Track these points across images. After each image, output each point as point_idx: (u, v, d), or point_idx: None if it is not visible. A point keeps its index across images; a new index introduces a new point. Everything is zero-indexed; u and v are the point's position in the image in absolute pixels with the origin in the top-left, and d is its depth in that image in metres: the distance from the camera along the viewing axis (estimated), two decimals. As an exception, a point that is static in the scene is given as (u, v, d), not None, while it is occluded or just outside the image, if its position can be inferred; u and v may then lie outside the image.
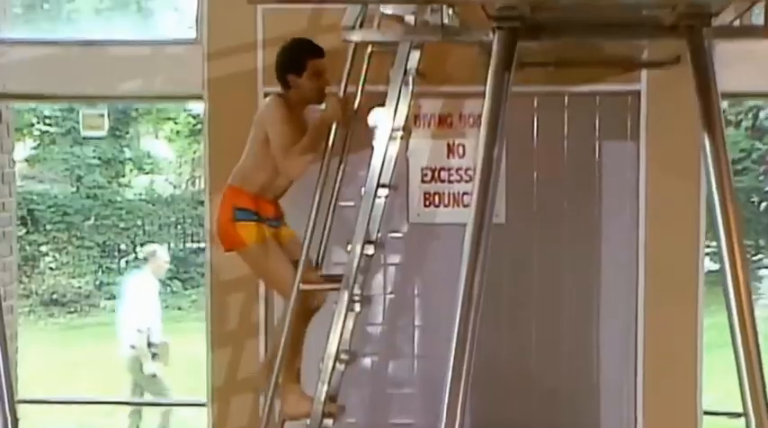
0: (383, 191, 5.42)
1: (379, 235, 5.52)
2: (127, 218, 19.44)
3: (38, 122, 19.17)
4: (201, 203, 10.22)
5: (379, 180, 5.37)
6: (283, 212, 5.65)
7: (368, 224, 5.37)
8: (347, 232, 5.36)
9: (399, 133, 5.43)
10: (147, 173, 20.43)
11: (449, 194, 6.36)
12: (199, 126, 16.42)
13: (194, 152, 19.87)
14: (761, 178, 18.44)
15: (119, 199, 19.49)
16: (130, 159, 19.49)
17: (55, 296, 19.21)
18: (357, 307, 5.42)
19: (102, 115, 10.61)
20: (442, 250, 6.31)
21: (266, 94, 5.80)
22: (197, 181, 20.05)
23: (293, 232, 5.62)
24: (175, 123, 20.64)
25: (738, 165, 17.69)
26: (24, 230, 18.95)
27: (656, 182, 6.06)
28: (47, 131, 19.09)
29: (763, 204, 18.89)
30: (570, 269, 6.29)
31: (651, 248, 6.08)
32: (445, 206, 6.37)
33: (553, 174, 6.26)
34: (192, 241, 19.65)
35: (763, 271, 19.26)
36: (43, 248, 19.55)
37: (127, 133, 19.74)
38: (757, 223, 19.08)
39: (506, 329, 6.23)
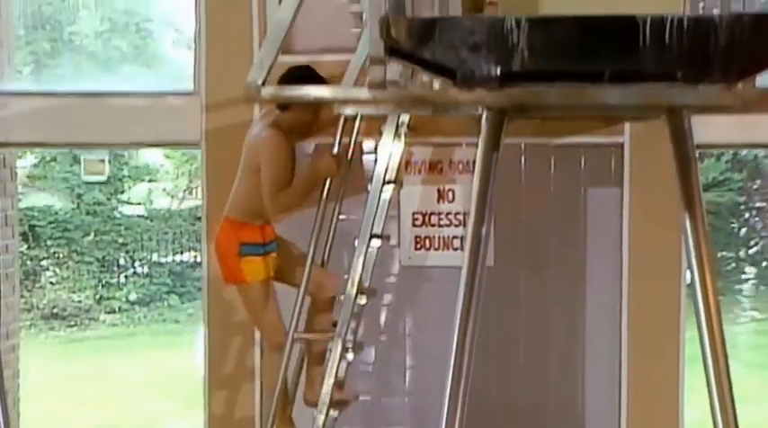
0: (376, 242, 5.47)
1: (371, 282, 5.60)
2: (126, 234, 19.43)
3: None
4: (198, 219, 10.22)
5: (371, 230, 5.42)
6: (275, 234, 5.65)
7: (361, 273, 5.42)
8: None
9: (392, 186, 5.49)
10: (146, 182, 20.39)
11: (439, 238, 6.40)
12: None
13: (191, 164, 19.86)
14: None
15: (118, 215, 19.48)
16: (129, 176, 19.51)
17: (55, 310, 19.19)
18: (350, 356, 5.47)
19: (103, 161, 10.65)
20: (432, 292, 6.36)
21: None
22: (193, 191, 20.05)
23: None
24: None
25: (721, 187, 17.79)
26: (26, 246, 18.93)
27: (639, 228, 6.11)
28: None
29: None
30: (556, 311, 6.33)
31: (634, 293, 6.13)
32: (436, 249, 6.40)
33: (540, 220, 6.31)
34: (190, 255, 19.63)
35: (744, 285, 19.32)
36: (44, 263, 19.51)
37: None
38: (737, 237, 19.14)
39: (494, 369, 6.27)
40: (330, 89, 3.06)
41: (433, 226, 6.42)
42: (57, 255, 19.81)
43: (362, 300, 5.45)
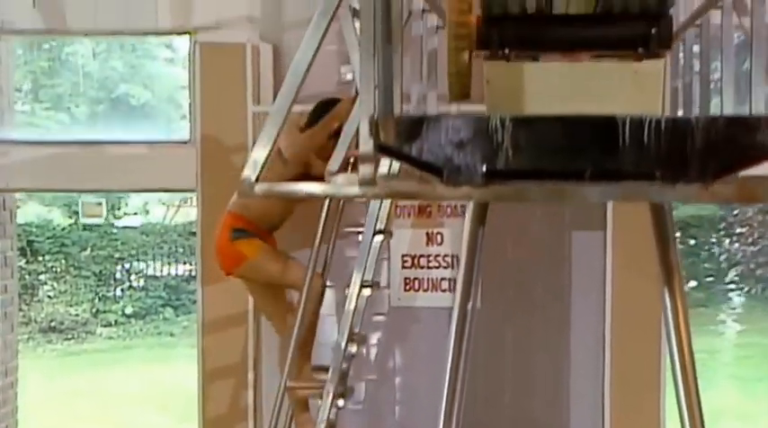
0: (366, 291, 5.52)
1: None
2: (122, 249, 19.45)
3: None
4: (193, 234, 10.28)
5: (362, 279, 5.47)
6: (276, 244, 5.71)
7: (351, 319, 5.47)
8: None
9: (382, 235, 5.53)
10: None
11: (428, 280, 6.45)
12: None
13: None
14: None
15: (114, 230, 19.50)
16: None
17: (53, 323, 19.19)
18: (341, 403, 5.51)
19: (101, 204, 10.70)
20: (421, 332, 6.41)
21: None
22: (189, 200, 20.05)
23: None
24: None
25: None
26: (24, 260, 18.95)
27: (622, 273, 6.16)
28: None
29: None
30: (541, 355, 6.38)
31: (616, 340, 6.18)
32: (425, 291, 6.45)
33: (525, 263, 6.35)
34: (185, 270, 19.66)
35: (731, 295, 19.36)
36: (42, 277, 19.52)
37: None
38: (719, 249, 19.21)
39: (481, 408, 6.32)
40: (322, 186, 3.09)
41: (422, 268, 6.46)
42: (54, 270, 19.82)
43: (353, 348, 5.49)
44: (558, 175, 3.00)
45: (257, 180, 2.93)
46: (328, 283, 5.92)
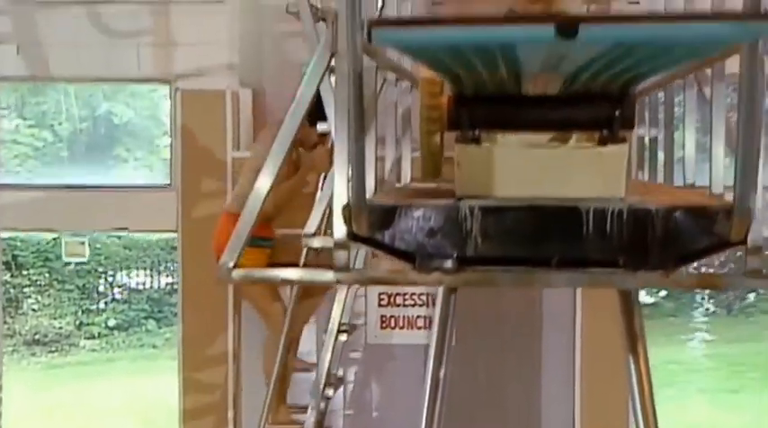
0: (343, 336, 5.55)
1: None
2: (105, 263, 19.41)
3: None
4: (174, 249, 10.30)
5: (339, 325, 5.50)
6: (275, 233, 5.73)
7: (329, 364, 5.50)
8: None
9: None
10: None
11: (404, 317, 6.49)
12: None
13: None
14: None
15: (98, 245, 19.46)
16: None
17: (37, 336, 19.11)
18: (319, 440, 5.55)
19: (83, 243, 10.67)
20: (397, 369, 6.45)
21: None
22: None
23: None
24: (150, 171, 20.55)
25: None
26: (9, 274, 18.88)
27: (590, 311, 6.22)
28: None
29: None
30: (514, 383, 6.45)
31: (586, 374, 6.24)
32: (400, 328, 6.50)
33: (498, 316, 6.40)
34: (166, 283, 19.65)
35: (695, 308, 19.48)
36: (26, 291, 19.47)
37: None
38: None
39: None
40: (297, 272, 3.14)
41: (398, 306, 6.51)
42: (38, 283, 19.71)
43: (330, 392, 5.53)
44: (525, 262, 3.07)
45: (235, 266, 2.97)
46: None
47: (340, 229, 2.97)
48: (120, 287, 19.38)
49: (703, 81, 3.83)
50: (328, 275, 3.03)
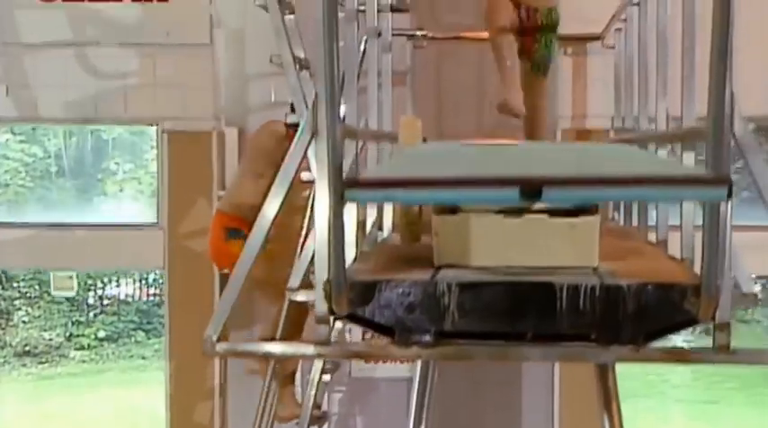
0: (327, 376, 5.58)
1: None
2: (95, 275, 19.40)
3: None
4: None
5: (323, 364, 5.53)
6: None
7: (313, 401, 5.53)
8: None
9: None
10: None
11: (387, 351, 6.50)
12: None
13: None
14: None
15: (87, 257, 19.33)
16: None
17: (27, 347, 19.10)
18: (302, 482, 5.57)
19: (71, 277, 10.70)
20: (380, 402, 6.48)
21: (223, 275, 5.96)
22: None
23: None
24: (139, 183, 20.57)
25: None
26: (0, 287, 18.92)
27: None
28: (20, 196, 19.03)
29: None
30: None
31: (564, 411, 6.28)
32: (384, 362, 6.52)
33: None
34: (156, 296, 19.67)
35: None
36: (16, 303, 19.46)
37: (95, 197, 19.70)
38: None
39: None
40: (280, 345, 3.17)
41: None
42: (28, 295, 19.69)
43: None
44: (501, 336, 3.11)
45: (219, 339, 3.00)
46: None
47: (321, 305, 3.01)
48: (109, 299, 19.39)
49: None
50: (309, 349, 3.07)
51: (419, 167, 1.99)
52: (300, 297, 4.74)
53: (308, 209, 5.14)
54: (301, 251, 4.75)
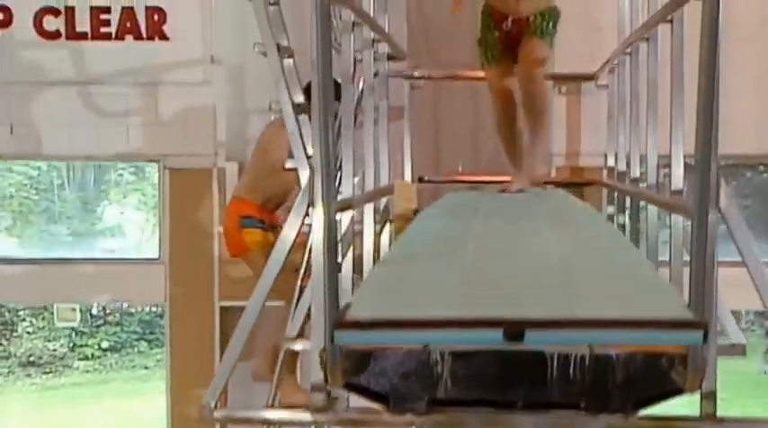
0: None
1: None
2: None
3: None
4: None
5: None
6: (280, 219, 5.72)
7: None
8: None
9: None
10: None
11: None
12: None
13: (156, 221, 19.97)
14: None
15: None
16: (101, 231, 19.54)
17: (32, 358, 19.16)
18: None
19: (75, 309, 10.77)
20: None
21: (222, 307, 6.00)
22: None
23: None
24: (143, 195, 20.66)
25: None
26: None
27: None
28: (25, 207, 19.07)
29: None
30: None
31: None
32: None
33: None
34: (158, 306, 19.70)
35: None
36: (21, 313, 19.53)
37: (97, 208, 19.75)
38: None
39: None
40: (277, 412, 3.20)
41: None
42: (33, 306, 19.73)
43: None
44: (493, 404, 3.14)
45: (216, 406, 3.03)
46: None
47: (317, 372, 3.03)
48: (112, 309, 19.43)
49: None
50: (306, 416, 3.10)
51: (407, 295, 2.04)
52: (297, 346, 4.78)
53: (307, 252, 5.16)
54: (299, 299, 4.80)
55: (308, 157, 4.07)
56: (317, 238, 2.67)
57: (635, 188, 4.18)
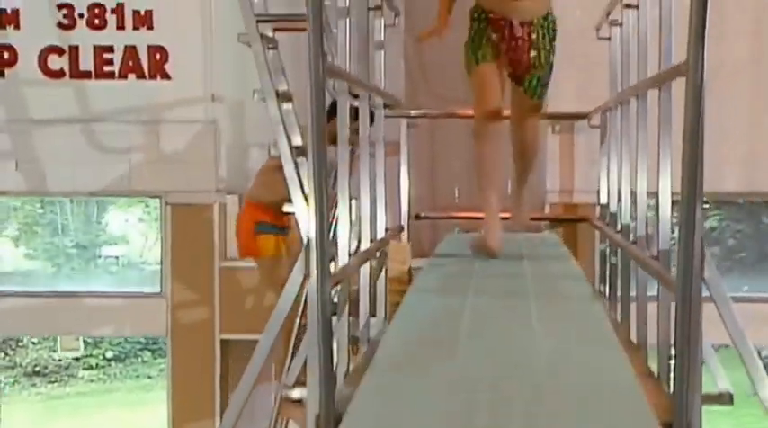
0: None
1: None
2: (102, 296, 19.39)
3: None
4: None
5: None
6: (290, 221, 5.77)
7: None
8: None
9: None
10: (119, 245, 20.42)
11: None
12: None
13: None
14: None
15: (93, 280, 19.50)
16: (105, 241, 19.61)
17: (37, 368, 19.20)
18: None
19: (78, 338, 10.84)
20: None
21: (223, 341, 6.07)
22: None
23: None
24: (146, 205, 20.72)
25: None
26: (10, 307, 18.85)
27: None
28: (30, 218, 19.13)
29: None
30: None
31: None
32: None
33: None
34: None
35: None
36: (26, 323, 19.40)
37: (101, 221, 19.83)
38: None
39: None
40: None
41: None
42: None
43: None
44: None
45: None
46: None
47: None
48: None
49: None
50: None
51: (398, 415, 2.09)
52: (296, 394, 4.81)
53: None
54: (296, 347, 4.84)
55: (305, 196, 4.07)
56: (311, 313, 2.71)
57: (624, 241, 4.22)
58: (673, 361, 2.78)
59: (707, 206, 7.90)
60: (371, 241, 4.01)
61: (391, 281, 3.65)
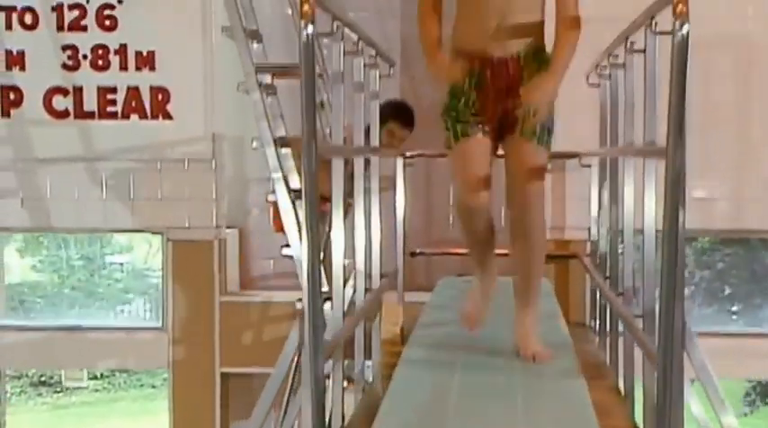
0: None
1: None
2: (106, 307, 19.47)
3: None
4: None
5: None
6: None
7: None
8: None
9: None
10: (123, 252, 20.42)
11: None
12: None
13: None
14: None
15: (100, 290, 19.54)
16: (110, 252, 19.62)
17: (43, 377, 19.23)
18: None
19: (82, 369, 10.95)
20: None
21: (223, 374, 6.15)
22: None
23: None
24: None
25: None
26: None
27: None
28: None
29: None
30: None
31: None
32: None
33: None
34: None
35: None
36: (33, 334, 19.44)
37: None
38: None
39: None
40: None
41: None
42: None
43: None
44: None
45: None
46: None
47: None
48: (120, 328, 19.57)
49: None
50: None
51: None
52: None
53: None
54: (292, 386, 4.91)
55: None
56: (305, 396, 2.77)
57: (611, 293, 4.27)
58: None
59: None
60: (366, 290, 4.09)
61: (383, 345, 3.72)
